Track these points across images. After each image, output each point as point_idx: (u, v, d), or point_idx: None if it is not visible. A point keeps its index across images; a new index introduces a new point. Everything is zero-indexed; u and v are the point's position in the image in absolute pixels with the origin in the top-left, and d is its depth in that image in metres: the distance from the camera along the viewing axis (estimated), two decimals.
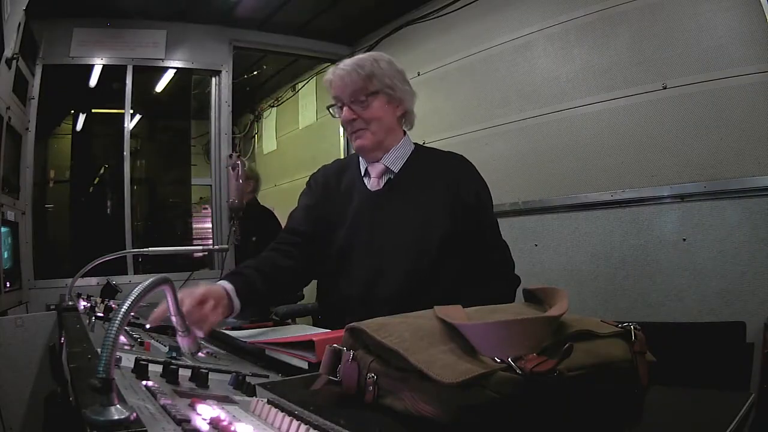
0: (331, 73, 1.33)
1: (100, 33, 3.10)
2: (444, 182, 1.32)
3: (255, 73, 4.40)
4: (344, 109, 1.32)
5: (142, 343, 0.91)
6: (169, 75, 3.49)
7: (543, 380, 0.52)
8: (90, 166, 3.48)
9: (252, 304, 1.19)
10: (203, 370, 0.67)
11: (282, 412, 0.51)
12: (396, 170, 1.35)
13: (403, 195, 1.32)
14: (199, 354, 0.86)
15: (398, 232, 1.28)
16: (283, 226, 1.45)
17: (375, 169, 1.36)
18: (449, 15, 3.04)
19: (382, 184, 1.35)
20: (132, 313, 0.53)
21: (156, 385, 0.60)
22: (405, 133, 1.42)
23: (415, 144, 1.43)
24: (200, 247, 2.31)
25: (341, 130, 3.89)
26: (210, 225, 3.42)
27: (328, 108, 1.38)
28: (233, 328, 1.22)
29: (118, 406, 0.46)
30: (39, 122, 2.91)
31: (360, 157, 1.40)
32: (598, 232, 2.32)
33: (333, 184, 1.43)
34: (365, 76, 1.28)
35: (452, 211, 1.28)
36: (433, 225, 1.26)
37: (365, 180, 1.38)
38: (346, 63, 1.31)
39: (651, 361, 0.68)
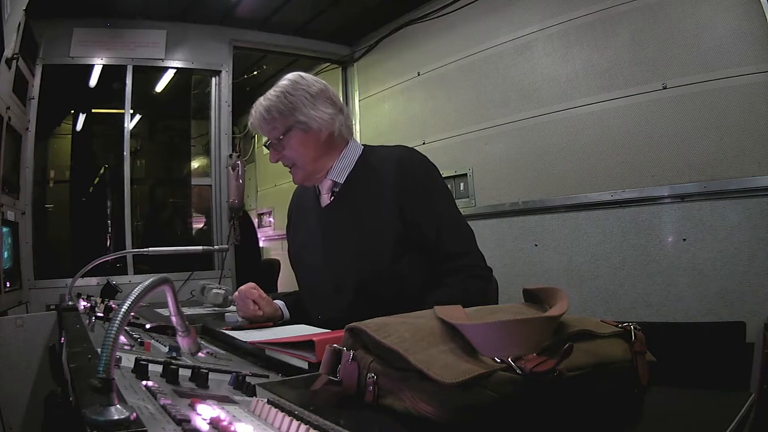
0: (249, 120, 1.34)
1: (100, 33, 3.09)
2: (386, 183, 1.25)
3: (255, 73, 4.40)
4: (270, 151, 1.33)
5: (142, 343, 0.91)
6: (169, 75, 3.49)
7: (543, 380, 0.52)
8: (90, 166, 3.47)
9: (298, 314, 1.40)
10: (203, 370, 0.67)
11: (282, 412, 0.51)
12: (342, 181, 1.32)
13: (349, 205, 1.30)
14: (199, 354, 0.86)
15: (348, 243, 1.27)
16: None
17: (324, 186, 1.36)
18: (449, 15, 3.04)
19: (330, 199, 1.34)
20: (132, 313, 0.53)
21: (156, 385, 0.60)
22: (347, 142, 1.36)
23: (364, 146, 1.38)
24: (200, 247, 2.30)
25: None
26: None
27: (264, 145, 1.39)
28: (233, 328, 1.22)
29: (118, 406, 0.46)
30: (39, 122, 2.91)
31: None
32: (598, 232, 2.32)
33: (297, 210, 1.50)
34: (271, 119, 1.28)
35: (401, 212, 1.22)
36: (382, 230, 1.22)
37: (319, 198, 1.38)
38: (256, 109, 1.31)
39: (651, 361, 0.68)
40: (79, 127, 3.43)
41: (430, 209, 1.24)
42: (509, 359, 0.54)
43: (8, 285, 2.33)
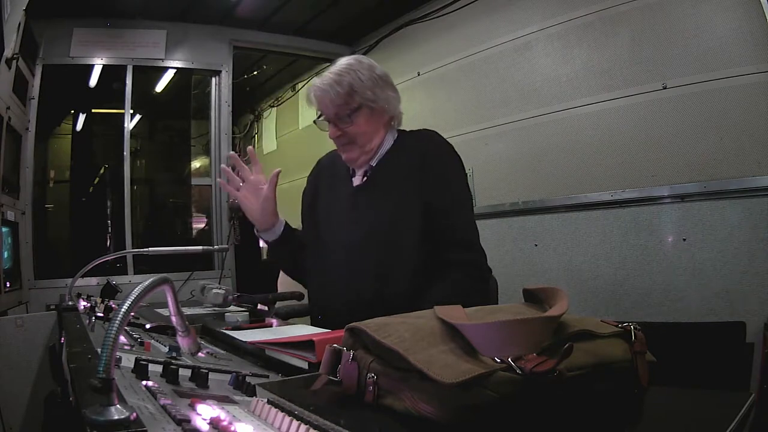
0: (311, 91, 1.31)
1: (100, 33, 3.10)
2: (411, 167, 1.28)
3: (255, 73, 4.40)
4: (329, 125, 1.31)
5: (142, 343, 0.91)
6: (169, 75, 3.49)
7: (543, 380, 0.52)
8: (90, 166, 3.48)
9: (288, 242, 1.40)
10: (203, 370, 0.67)
11: (282, 412, 0.51)
12: (374, 164, 1.34)
13: (378, 188, 1.31)
14: (199, 354, 0.86)
15: (376, 225, 1.28)
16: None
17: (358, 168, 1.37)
18: (449, 15, 3.04)
19: (362, 180, 1.35)
20: (132, 313, 0.53)
21: (156, 385, 0.60)
22: (392, 128, 1.39)
23: (398, 131, 1.40)
24: (200, 247, 2.30)
25: None
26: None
27: (314, 121, 1.37)
28: (233, 328, 1.22)
29: (118, 406, 0.46)
30: (39, 122, 2.91)
31: None
32: (598, 232, 2.32)
33: (324, 180, 1.47)
34: (345, 94, 1.25)
35: (422, 198, 1.24)
36: (409, 217, 1.24)
37: (353, 178, 1.38)
38: (325, 79, 1.28)
39: (651, 361, 0.68)
40: (79, 127, 3.44)
41: (444, 191, 1.26)
42: (509, 359, 0.53)
43: (8, 285, 2.33)
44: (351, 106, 1.27)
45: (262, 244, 1.47)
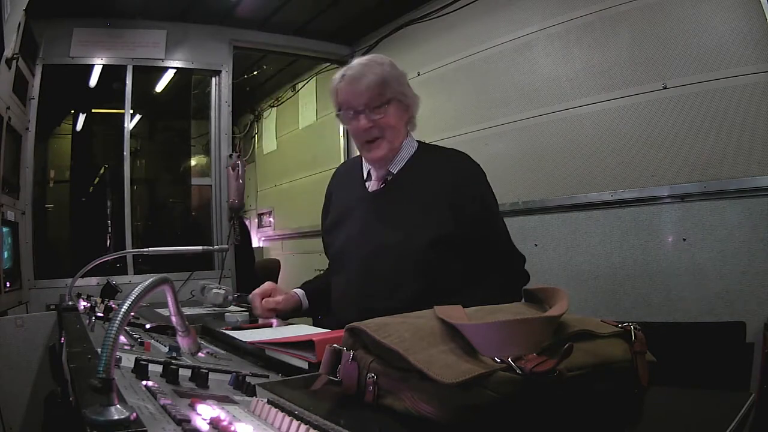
0: (340, 78, 1.27)
1: (100, 33, 3.10)
2: (442, 184, 1.27)
3: (255, 73, 4.40)
4: (360, 117, 1.26)
5: (142, 343, 0.91)
6: (169, 75, 3.49)
7: (543, 380, 0.52)
8: (90, 166, 3.48)
9: (320, 304, 1.40)
10: (203, 370, 0.67)
11: (282, 412, 0.51)
12: (395, 171, 1.33)
13: (398, 196, 1.30)
14: (199, 354, 0.86)
15: (387, 232, 1.27)
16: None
17: (378, 172, 1.36)
18: (449, 15, 3.04)
19: (380, 186, 1.35)
20: (132, 313, 0.53)
21: (156, 385, 0.60)
22: (408, 133, 1.39)
23: (419, 142, 1.40)
24: (200, 247, 2.30)
25: (341, 129, 3.87)
26: None
27: (336, 114, 1.33)
28: (233, 328, 1.22)
29: (118, 406, 0.46)
30: (39, 122, 2.91)
31: (363, 158, 1.40)
32: (598, 232, 2.32)
33: (341, 188, 1.47)
34: (381, 83, 1.24)
35: (449, 214, 1.24)
36: (423, 226, 1.23)
37: (367, 183, 1.38)
38: (355, 68, 1.26)
39: (651, 361, 0.68)
40: (79, 127, 3.44)
41: (489, 217, 1.29)
42: (509, 359, 0.53)
43: (8, 285, 2.33)
44: (385, 97, 1.26)
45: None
